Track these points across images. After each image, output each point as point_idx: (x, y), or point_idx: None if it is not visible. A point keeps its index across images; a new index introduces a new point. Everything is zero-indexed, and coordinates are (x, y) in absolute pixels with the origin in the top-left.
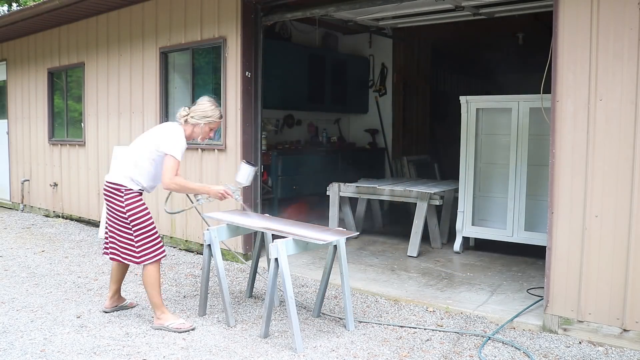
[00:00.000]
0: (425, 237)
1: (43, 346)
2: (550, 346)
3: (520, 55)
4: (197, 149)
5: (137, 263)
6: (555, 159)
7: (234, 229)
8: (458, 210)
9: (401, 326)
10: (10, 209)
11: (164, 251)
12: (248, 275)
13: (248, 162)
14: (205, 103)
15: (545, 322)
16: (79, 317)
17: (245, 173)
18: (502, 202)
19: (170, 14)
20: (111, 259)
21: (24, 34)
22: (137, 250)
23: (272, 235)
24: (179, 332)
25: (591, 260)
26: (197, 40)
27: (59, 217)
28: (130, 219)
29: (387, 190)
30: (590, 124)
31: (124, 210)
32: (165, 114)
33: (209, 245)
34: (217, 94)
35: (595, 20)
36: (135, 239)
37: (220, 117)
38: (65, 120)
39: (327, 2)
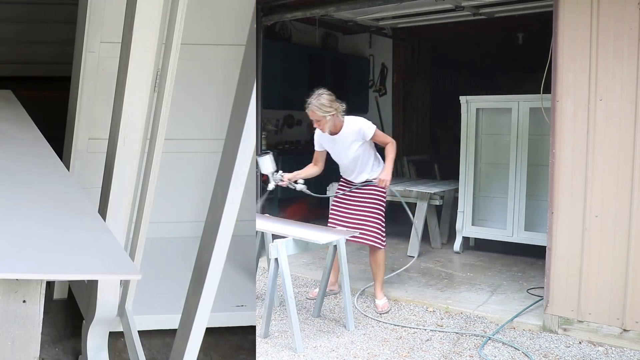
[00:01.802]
0: (425, 237)
1: None
2: (550, 346)
3: (520, 55)
4: None
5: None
6: (555, 159)
7: None
8: (458, 210)
9: (401, 326)
10: None
11: None
12: None
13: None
14: None
15: (545, 322)
16: None
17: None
18: (502, 202)
19: None
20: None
21: None
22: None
23: (272, 235)
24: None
25: (591, 260)
26: None
27: None
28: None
29: (387, 190)
30: (590, 124)
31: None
32: None
33: None
34: None
35: (595, 19)
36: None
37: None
38: None
39: (327, 2)
